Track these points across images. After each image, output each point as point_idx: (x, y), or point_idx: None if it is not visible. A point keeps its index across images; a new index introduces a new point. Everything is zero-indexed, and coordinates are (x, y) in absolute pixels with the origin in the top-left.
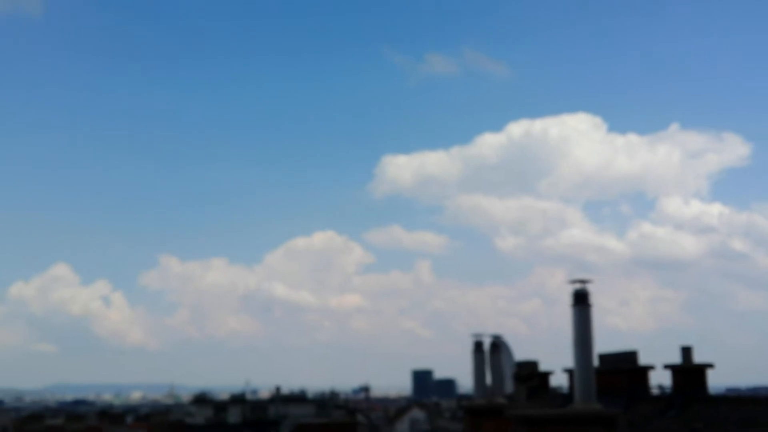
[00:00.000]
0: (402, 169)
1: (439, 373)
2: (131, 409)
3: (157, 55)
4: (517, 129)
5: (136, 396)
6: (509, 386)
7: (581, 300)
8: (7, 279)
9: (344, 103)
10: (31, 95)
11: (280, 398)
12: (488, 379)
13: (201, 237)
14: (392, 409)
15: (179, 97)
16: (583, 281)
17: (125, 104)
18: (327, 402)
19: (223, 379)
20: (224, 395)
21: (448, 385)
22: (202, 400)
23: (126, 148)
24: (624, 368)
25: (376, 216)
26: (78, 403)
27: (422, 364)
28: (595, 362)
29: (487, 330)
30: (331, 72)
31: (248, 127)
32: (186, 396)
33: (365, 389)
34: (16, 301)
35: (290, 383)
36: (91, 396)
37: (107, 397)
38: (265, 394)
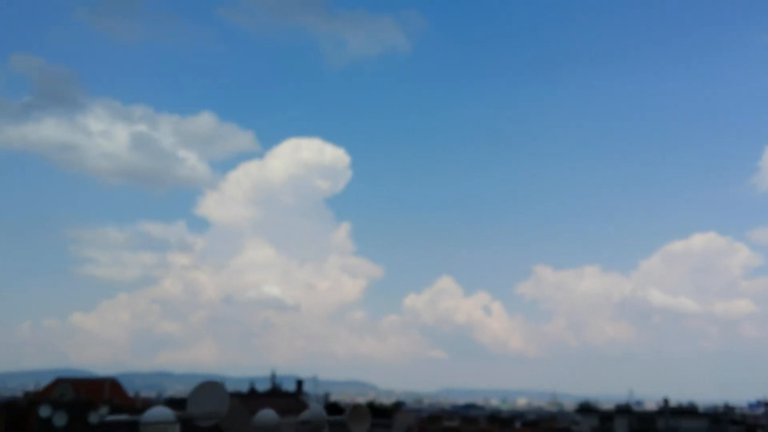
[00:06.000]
0: None
1: None
2: (518, 415)
3: (503, 74)
4: None
5: (521, 402)
6: None
7: None
8: (403, 292)
9: (717, 92)
10: (405, 122)
11: (668, 411)
12: None
13: (573, 245)
14: None
15: (541, 110)
16: None
17: (486, 123)
18: (721, 416)
19: (604, 387)
20: (607, 405)
21: None
22: (587, 409)
23: (494, 166)
24: None
25: (763, 212)
26: (469, 407)
27: None
28: None
29: None
30: (700, 62)
31: (613, 130)
32: (568, 404)
33: (766, 404)
34: (410, 311)
35: (676, 394)
36: (479, 400)
37: (494, 402)
38: (650, 405)
